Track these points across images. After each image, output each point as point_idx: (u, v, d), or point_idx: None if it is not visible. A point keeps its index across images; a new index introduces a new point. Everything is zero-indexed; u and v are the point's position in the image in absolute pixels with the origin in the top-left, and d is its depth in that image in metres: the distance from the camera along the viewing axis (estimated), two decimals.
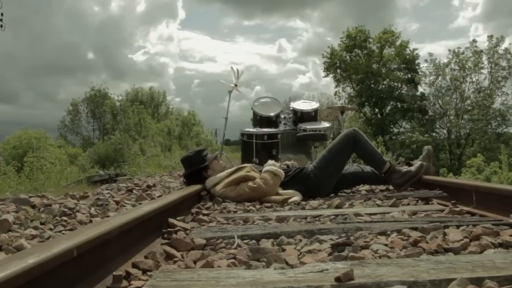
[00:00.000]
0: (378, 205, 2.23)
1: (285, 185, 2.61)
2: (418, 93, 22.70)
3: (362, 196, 2.55)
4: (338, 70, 24.59)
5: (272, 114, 5.21)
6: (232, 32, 75.88)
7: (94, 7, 58.11)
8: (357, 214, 1.88)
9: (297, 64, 65.19)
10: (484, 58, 20.92)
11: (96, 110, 29.04)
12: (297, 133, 5.02)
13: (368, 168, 2.93)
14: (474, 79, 21.16)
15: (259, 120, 5.19)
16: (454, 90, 21.01)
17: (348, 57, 24.46)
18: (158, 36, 65.96)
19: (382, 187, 3.16)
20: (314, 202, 2.33)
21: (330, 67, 24.63)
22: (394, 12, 42.52)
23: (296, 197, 2.49)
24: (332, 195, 2.81)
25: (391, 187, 3.09)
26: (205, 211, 2.16)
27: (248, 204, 2.36)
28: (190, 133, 33.81)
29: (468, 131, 20.79)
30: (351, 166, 2.99)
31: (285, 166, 2.85)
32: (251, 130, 4.73)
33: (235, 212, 2.17)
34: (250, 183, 2.49)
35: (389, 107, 24.01)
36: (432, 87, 21.77)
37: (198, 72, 68.91)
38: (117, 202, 2.36)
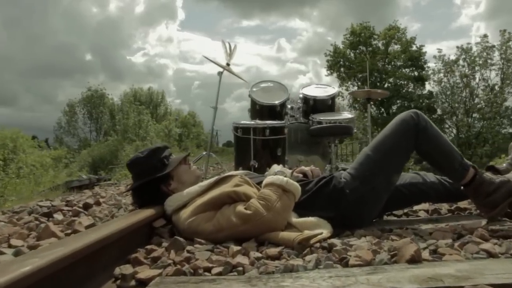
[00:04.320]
0: (489, 252, 1.12)
1: (301, 207, 1.48)
2: (425, 92, 21.83)
3: (444, 230, 1.41)
4: (342, 69, 23.67)
5: (276, 102, 3.90)
6: (232, 33, 75.19)
7: (92, 8, 57.43)
8: None
9: (297, 64, 64.18)
10: (496, 54, 19.99)
11: (93, 111, 28.31)
12: (309, 126, 3.75)
13: (431, 176, 1.82)
14: (484, 76, 20.25)
15: (259, 110, 3.88)
16: (464, 88, 20.09)
17: (352, 55, 23.55)
18: (158, 37, 65.21)
19: (446, 205, 2.05)
20: (360, 245, 1.22)
21: (333, 66, 23.75)
22: (395, 11, 41.13)
23: (324, 230, 1.36)
24: (375, 220, 1.71)
25: (462, 205, 1.98)
26: (142, 272, 1.05)
27: (236, 248, 1.24)
28: (190, 134, 33.02)
29: (478, 130, 19.86)
30: (406, 173, 1.86)
31: (301, 175, 1.70)
32: (248, 122, 3.50)
33: (206, 270, 1.07)
34: (240, 207, 1.36)
35: (396, 106, 23.00)
36: (440, 85, 20.91)
37: (199, 74, 68.15)
38: None
